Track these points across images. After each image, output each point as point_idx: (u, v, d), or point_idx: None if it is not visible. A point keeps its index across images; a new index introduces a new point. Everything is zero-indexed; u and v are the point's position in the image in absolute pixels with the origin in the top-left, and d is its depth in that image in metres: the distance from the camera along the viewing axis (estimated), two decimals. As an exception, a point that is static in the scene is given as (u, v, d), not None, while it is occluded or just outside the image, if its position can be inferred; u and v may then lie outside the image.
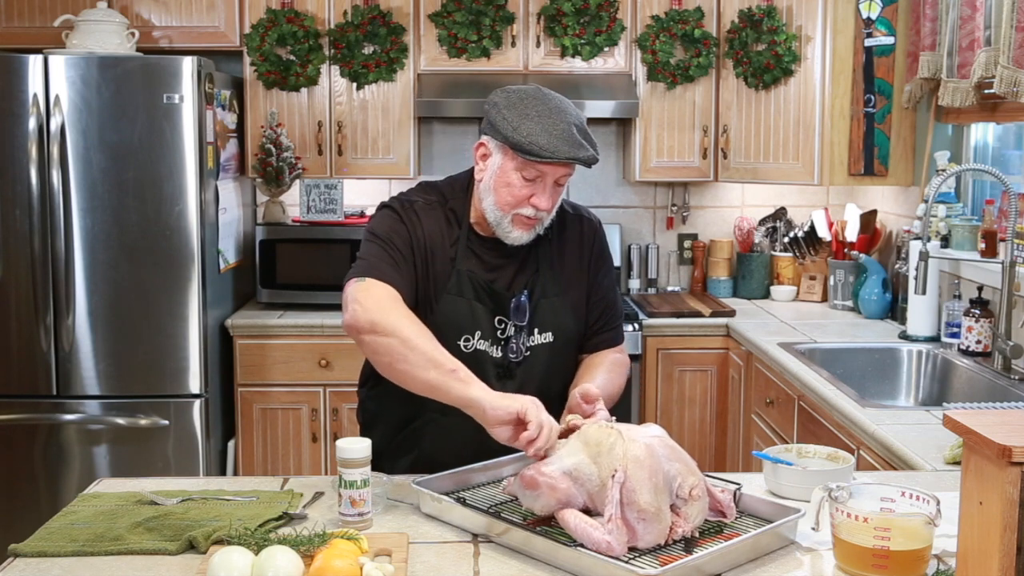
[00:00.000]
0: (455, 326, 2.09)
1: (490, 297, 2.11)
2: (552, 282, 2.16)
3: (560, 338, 2.17)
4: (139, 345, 3.74)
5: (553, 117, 1.99)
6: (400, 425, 2.18)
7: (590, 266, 2.22)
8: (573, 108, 2.04)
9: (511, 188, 2.03)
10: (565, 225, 2.20)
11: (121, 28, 3.91)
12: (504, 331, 2.13)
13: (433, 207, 2.14)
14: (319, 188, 4.22)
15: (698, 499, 1.67)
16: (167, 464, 3.76)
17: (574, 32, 4.15)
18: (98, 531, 1.76)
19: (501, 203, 2.05)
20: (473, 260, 2.12)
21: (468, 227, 2.14)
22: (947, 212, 3.64)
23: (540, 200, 2.03)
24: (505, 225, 2.07)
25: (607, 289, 2.25)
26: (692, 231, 4.66)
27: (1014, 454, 1.20)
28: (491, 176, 2.06)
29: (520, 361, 2.13)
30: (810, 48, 4.03)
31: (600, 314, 2.22)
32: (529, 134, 1.97)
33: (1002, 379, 2.98)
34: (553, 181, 2.03)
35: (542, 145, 1.96)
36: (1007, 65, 3.00)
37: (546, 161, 1.98)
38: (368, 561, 1.55)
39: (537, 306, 2.14)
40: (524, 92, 2.04)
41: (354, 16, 4.12)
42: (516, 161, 2.01)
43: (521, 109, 2.00)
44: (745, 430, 3.79)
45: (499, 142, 2.03)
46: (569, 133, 1.98)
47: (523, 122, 1.98)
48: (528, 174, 2.01)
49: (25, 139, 3.65)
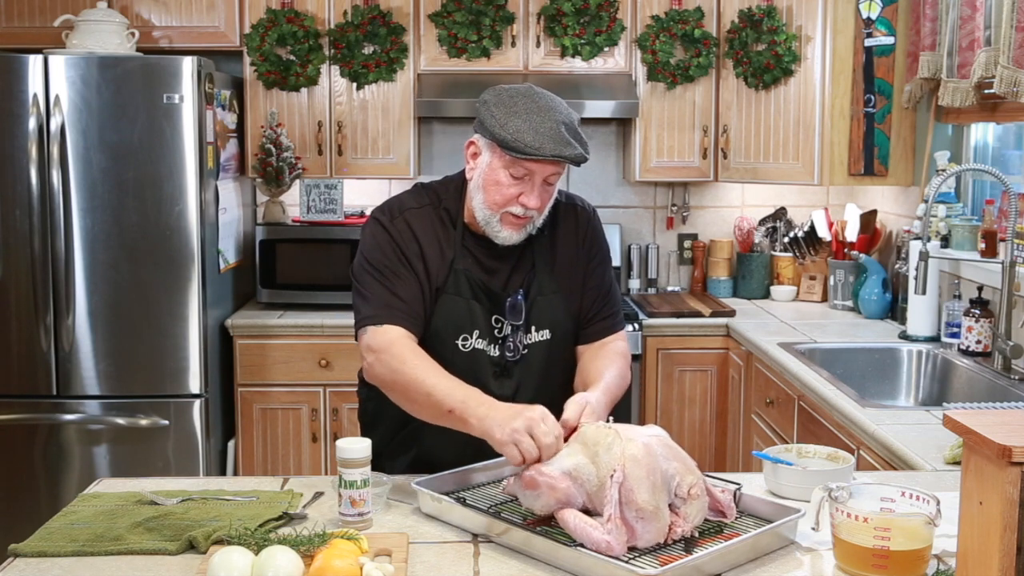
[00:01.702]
0: (453, 325, 2.09)
1: (487, 296, 2.11)
2: (548, 279, 2.15)
3: (558, 334, 2.16)
4: (139, 345, 3.74)
5: (541, 115, 1.98)
6: (400, 425, 2.18)
7: (584, 256, 2.21)
8: (564, 107, 2.03)
9: (500, 186, 2.02)
10: (558, 218, 2.19)
11: (121, 28, 3.91)
12: (501, 330, 2.12)
13: (425, 210, 2.14)
14: (319, 188, 4.22)
15: (697, 498, 1.67)
16: (167, 464, 3.76)
17: (574, 32, 4.15)
18: (98, 531, 1.76)
19: (490, 202, 2.04)
20: (469, 259, 2.12)
21: (463, 227, 2.13)
22: (947, 212, 3.64)
23: (529, 199, 2.02)
24: (494, 224, 2.06)
25: (602, 276, 2.23)
26: (692, 231, 4.66)
27: (1014, 454, 1.20)
28: (480, 174, 2.05)
29: (517, 359, 2.13)
30: (810, 48, 4.03)
31: (594, 301, 2.20)
32: (516, 131, 1.96)
33: (1002, 379, 2.98)
34: (542, 180, 2.02)
35: (528, 142, 1.95)
36: (1007, 65, 3.00)
37: (532, 158, 1.97)
38: (368, 561, 1.55)
39: (534, 304, 2.13)
40: (514, 91, 2.03)
41: (354, 16, 4.12)
42: (504, 159, 2.00)
43: (509, 107, 1.99)
44: (745, 430, 3.79)
45: (488, 140, 2.02)
46: (557, 131, 1.97)
47: (510, 119, 1.97)
48: (516, 172, 2.01)
49: (25, 139, 3.65)
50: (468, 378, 2.00)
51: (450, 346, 2.09)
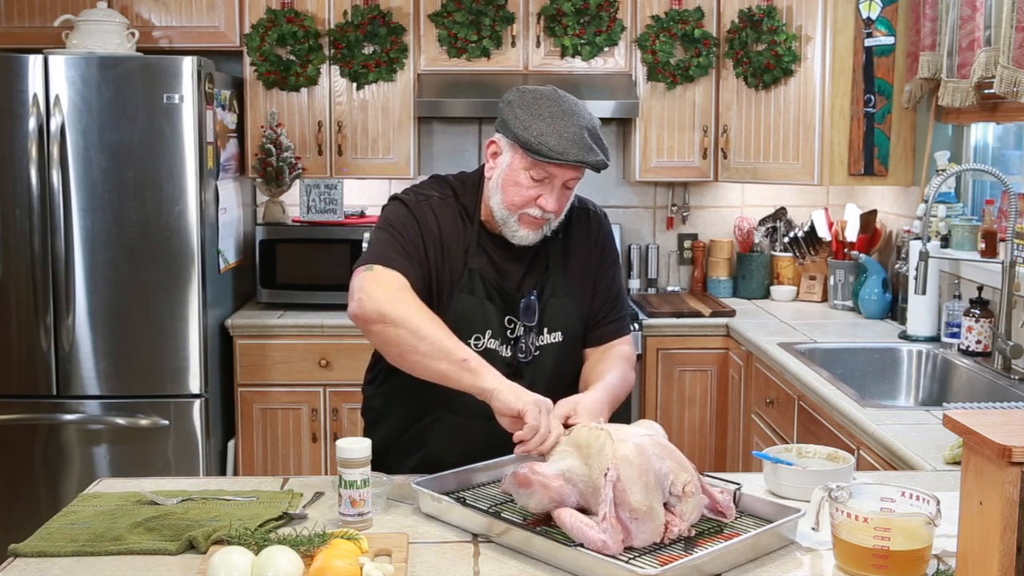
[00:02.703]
0: (466, 324, 2.08)
1: (500, 296, 2.11)
2: (562, 281, 2.16)
3: (569, 337, 2.17)
4: (139, 345, 3.74)
5: (566, 119, 1.98)
6: (407, 424, 2.17)
7: (596, 260, 2.22)
8: (587, 112, 2.04)
9: (519, 188, 2.03)
10: (572, 221, 2.19)
11: (121, 28, 3.91)
12: (513, 331, 2.12)
13: (448, 201, 2.14)
14: (319, 188, 4.22)
15: (692, 496, 1.67)
16: (167, 464, 3.76)
17: (574, 32, 4.15)
18: (98, 531, 1.76)
19: (508, 202, 2.04)
20: (484, 258, 2.12)
21: (479, 224, 2.13)
22: (947, 212, 3.64)
23: (547, 201, 2.03)
24: (512, 224, 2.06)
25: (611, 280, 2.23)
26: (692, 231, 4.66)
27: (1014, 454, 1.20)
28: (500, 174, 2.05)
29: (529, 361, 2.13)
30: (810, 48, 4.03)
31: (603, 304, 2.21)
32: (540, 134, 1.96)
33: (1002, 379, 2.98)
34: (561, 183, 2.03)
35: (551, 146, 1.96)
36: (1007, 65, 3.00)
37: (554, 162, 1.98)
38: (368, 561, 1.55)
39: (547, 305, 2.13)
40: (539, 92, 2.04)
41: (354, 16, 4.12)
42: (525, 161, 2.01)
43: (534, 109, 1.99)
44: (745, 430, 3.79)
45: (510, 140, 2.03)
46: (580, 136, 1.97)
47: (535, 122, 1.98)
48: (537, 174, 2.01)
49: (25, 139, 3.65)
50: None
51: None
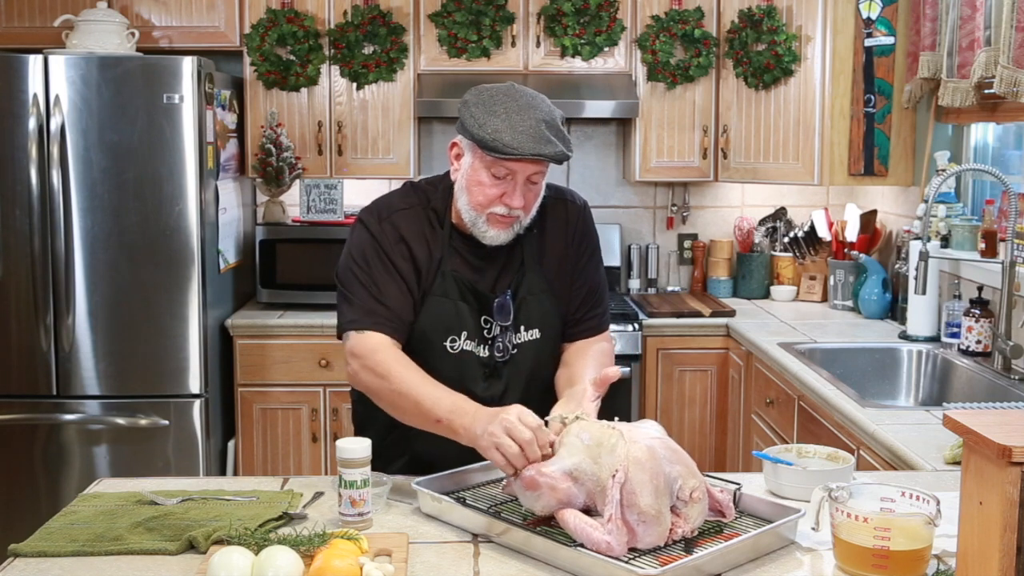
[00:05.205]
0: (441, 327, 2.08)
1: (475, 297, 2.10)
2: (538, 278, 2.14)
3: (547, 333, 2.15)
4: (139, 345, 3.74)
5: (522, 113, 1.96)
6: (388, 427, 2.16)
7: (574, 253, 2.19)
8: (546, 105, 2.01)
9: (482, 187, 2.01)
10: (546, 214, 2.16)
11: (121, 28, 3.92)
12: (490, 330, 2.11)
13: (414, 211, 2.12)
14: (319, 188, 4.22)
15: (699, 501, 1.67)
16: (167, 464, 3.76)
17: (574, 32, 4.15)
18: (98, 531, 1.76)
19: (474, 203, 2.03)
20: (457, 260, 2.10)
21: (451, 227, 2.11)
22: (947, 212, 3.64)
23: (512, 199, 2.01)
24: (481, 225, 2.05)
25: (591, 273, 2.21)
26: (692, 231, 4.66)
27: (1014, 454, 1.20)
28: (464, 175, 2.04)
29: (506, 360, 2.12)
30: (810, 48, 4.03)
31: (582, 300, 2.19)
32: (494, 131, 1.95)
33: (1002, 379, 2.98)
34: (525, 179, 2.01)
35: (506, 142, 1.94)
36: (1007, 65, 3.00)
37: (511, 158, 1.95)
38: (368, 561, 1.55)
39: (523, 303, 2.12)
40: (496, 90, 2.02)
41: (354, 16, 4.12)
42: (485, 160, 1.99)
43: (490, 106, 1.98)
44: (745, 430, 3.79)
45: (468, 140, 2.01)
46: (536, 129, 1.95)
47: (489, 119, 1.96)
48: (498, 172, 1.99)
49: (25, 139, 3.65)
50: (455, 380, 2.00)
51: (438, 348, 2.08)
